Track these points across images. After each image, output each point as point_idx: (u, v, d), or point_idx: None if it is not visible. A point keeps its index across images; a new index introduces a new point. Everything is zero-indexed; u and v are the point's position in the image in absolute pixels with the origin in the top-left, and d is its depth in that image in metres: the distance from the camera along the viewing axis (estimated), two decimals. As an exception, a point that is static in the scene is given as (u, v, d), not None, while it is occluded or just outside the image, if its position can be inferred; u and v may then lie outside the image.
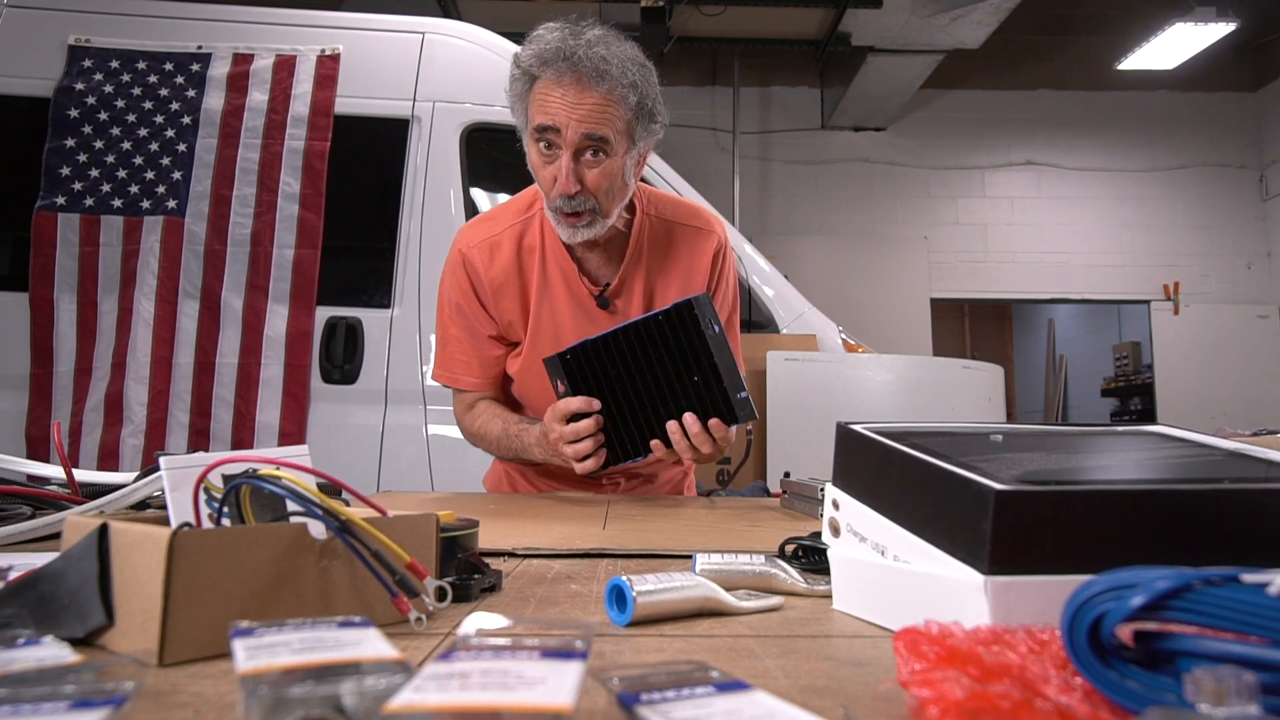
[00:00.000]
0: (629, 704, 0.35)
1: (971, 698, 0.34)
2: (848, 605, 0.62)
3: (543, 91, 1.33)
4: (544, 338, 1.51)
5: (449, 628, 0.56)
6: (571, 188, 1.33)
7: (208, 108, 2.96)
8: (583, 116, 1.31)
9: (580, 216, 1.38)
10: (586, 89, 1.30)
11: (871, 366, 3.25)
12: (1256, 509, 0.49)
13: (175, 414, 2.82)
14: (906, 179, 7.98)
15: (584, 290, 1.51)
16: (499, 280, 1.51)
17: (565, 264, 1.50)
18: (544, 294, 1.51)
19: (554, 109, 1.31)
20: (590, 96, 1.31)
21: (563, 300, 1.51)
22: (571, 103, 1.31)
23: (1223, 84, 8.06)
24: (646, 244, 1.53)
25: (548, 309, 1.51)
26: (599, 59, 1.30)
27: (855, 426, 0.64)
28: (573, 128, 1.31)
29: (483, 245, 1.52)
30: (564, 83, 1.31)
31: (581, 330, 1.48)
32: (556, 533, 1.03)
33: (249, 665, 0.38)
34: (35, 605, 0.51)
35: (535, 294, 1.51)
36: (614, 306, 1.51)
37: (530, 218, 1.53)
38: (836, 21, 6.51)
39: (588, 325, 1.50)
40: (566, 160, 1.33)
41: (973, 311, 10.51)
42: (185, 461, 0.59)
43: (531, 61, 1.33)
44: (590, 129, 1.31)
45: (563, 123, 1.31)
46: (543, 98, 1.33)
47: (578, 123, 1.31)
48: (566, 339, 1.45)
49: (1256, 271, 8.04)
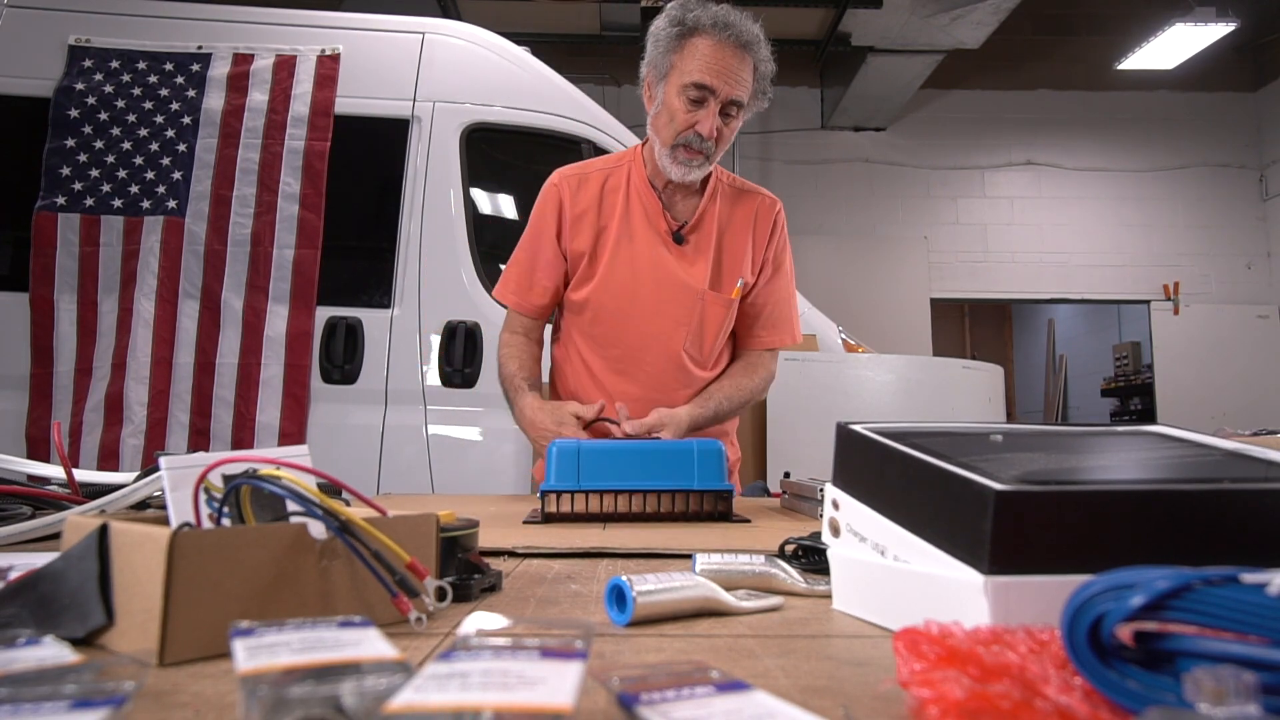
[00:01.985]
0: (629, 704, 0.35)
1: (971, 698, 0.34)
2: (848, 605, 0.62)
3: (703, 50, 1.54)
4: (620, 266, 1.70)
5: (449, 628, 0.56)
6: (714, 132, 1.57)
7: (208, 108, 2.96)
8: (735, 83, 1.54)
9: (699, 155, 1.60)
10: (742, 56, 1.54)
11: (871, 366, 3.24)
12: (1256, 509, 0.49)
13: (175, 414, 2.82)
14: (906, 179, 7.98)
15: (665, 225, 1.71)
16: (580, 210, 1.72)
17: (651, 202, 1.71)
18: (624, 230, 1.71)
19: (715, 71, 1.53)
20: (744, 64, 1.55)
21: (642, 234, 1.71)
22: (732, 68, 1.54)
23: (1223, 84, 8.06)
24: (720, 198, 1.74)
25: (626, 244, 1.70)
26: (753, 33, 1.56)
27: (855, 426, 0.64)
28: (725, 91, 1.54)
29: (572, 178, 1.75)
30: (726, 47, 1.53)
31: (656, 264, 1.69)
32: (556, 533, 1.03)
33: (249, 665, 0.38)
34: (35, 605, 0.51)
35: (616, 230, 1.70)
36: (687, 241, 1.72)
37: (619, 166, 1.76)
38: (836, 21, 6.51)
39: (662, 257, 1.69)
40: (714, 109, 1.55)
41: (973, 311, 10.51)
42: (185, 461, 0.59)
43: (695, 19, 1.55)
44: (739, 95, 1.56)
45: (718, 85, 1.54)
46: (705, 58, 1.53)
47: (730, 88, 1.54)
48: (642, 269, 1.68)
49: (1256, 271, 8.04)
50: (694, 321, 1.70)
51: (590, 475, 1.20)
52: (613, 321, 1.71)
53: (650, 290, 1.69)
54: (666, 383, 1.71)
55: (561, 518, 1.19)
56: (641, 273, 1.69)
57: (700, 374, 1.74)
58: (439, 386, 2.89)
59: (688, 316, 1.70)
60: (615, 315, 1.70)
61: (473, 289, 2.95)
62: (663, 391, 1.70)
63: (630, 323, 1.70)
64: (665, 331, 1.70)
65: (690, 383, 1.72)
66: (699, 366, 1.73)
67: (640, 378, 1.70)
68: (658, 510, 1.21)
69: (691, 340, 1.71)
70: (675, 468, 1.22)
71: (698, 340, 1.72)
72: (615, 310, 1.70)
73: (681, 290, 1.69)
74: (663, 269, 1.69)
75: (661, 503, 1.21)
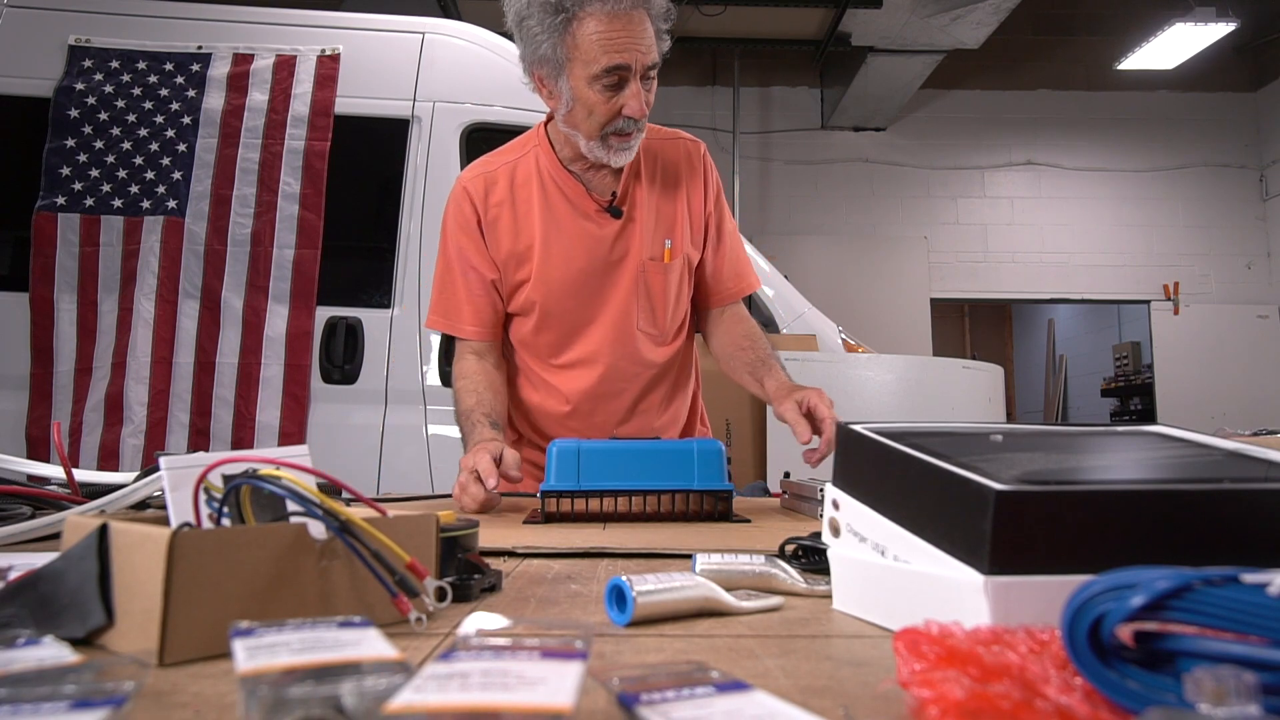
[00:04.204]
0: (629, 704, 0.35)
1: (971, 698, 0.34)
2: (848, 605, 0.62)
3: (597, 29, 1.34)
4: (554, 258, 1.55)
5: (449, 628, 0.56)
6: (646, 109, 1.41)
7: (208, 108, 2.96)
8: (645, 47, 1.36)
9: (630, 136, 1.44)
10: (638, 15, 1.35)
11: (871, 366, 3.25)
12: (1256, 509, 0.49)
13: (175, 414, 2.82)
14: (906, 179, 7.98)
15: (593, 205, 1.56)
16: (494, 212, 1.57)
17: (569, 186, 1.56)
18: (549, 219, 1.56)
19: (620, 47, 1.34)
20: (643, 21, 1.36)
21: (569, 221, 1.56)
22: (635, 34, 1.35)
23: (1223, 84, 8.06)
24: (642, 155, 1.58)
25: (555, 232, 1.55)
26: None
27: (855, 426, 0.64)
28: (640, 61, 1.36)
29: (477, 179, 1.59)
30: (619, 15, 1.34)
31: (591, 247, 1.54)
32: (556, 533, 1.03)
33: (249, 665, 0.38)
34: (35, 605, 0.51)
35: (540, 221, 1.55)
36: (624, 212, 1.57)
37: (523, 156, 1.60)
38: (836, 21, 6.51)
39: (598, 237, 1.55)
40: (637, 87, 1.38)
41: (973, 311, 10.51)
42: (185, 461, 0.59)
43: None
44: (652, 58, 1.38)
45: (631, 60, 1.35)
46: (603, 37, 1.34)
47: (643, 55, 1.36)
48: (577, 259, 1.53)
49: (1256, 271, 8.04)
50: (641, 294, 1.58)
51: (590, 475, 1.20)
52: (560, 320, 1.58)
53: (591, 277, 1.56)
54: (624, 369, 1.59)
55: (561, 518, 1.19)
56: (577, 260, 1.54)
57: (659, 350, 1.62)
58: (439, 386, 2.89)
59: (634, 292, 1.57)
60: (561, 313, 1.57)
61: (473, 289, 2.95)
62: (623, 381, 1.59)
63: (578, 315, 1.57)
64: (616, 315, 1.57)
65: (648, 365, 1.61)
66: (657, 343, 1.62)
67: (598, 370, 1.58)
68: (657, 510, 1.21)
69: (644, 316, 1.59)
70: (675, 468, 1.22)
71: (649, 314, 1.59)
72: (560, 308, 1.56)
73: (624, 267, 1.57)
74: (600, 250, 1.55)
75: (661, 503, 1.21)
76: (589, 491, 1.19)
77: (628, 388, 1.60)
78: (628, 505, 1.20)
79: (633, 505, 1.20)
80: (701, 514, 1.21)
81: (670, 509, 1.21)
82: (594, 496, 1.19)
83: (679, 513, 1.21)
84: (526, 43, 1.42)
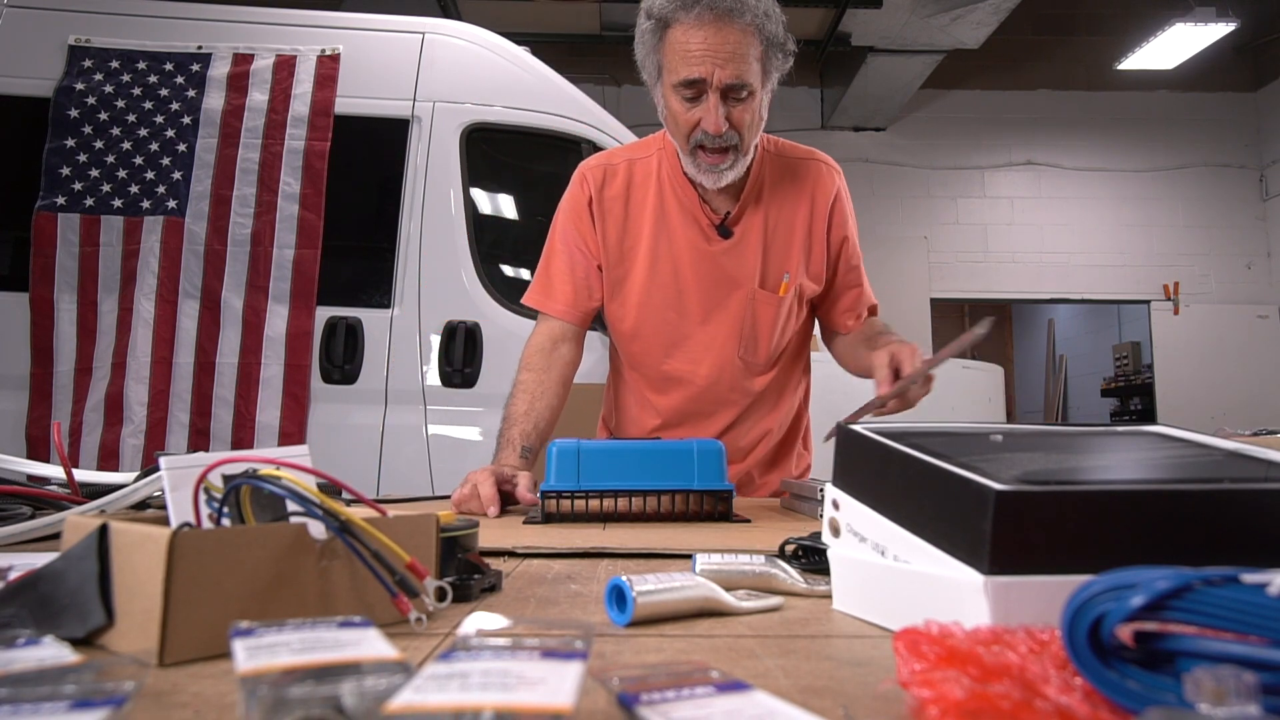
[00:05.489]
0: (629, 704, 0.35)
1: (971, 698, 0.34)
2: (848, 605, 0.62)
3: (681, 41, 1.34)
4: (662, 265, 1.54)
5: (449, 628, 0.56)
6: (722, 126, 1.37)
7: (208, 108, 2.96)
8: (724, 62, 1.33)
9: (725, 155, 1.41)
10: (725, 27, 1.32)
11: (871, 366, 3.23)
12: (1256, 509, 0.49)
13: (175, 414, 2.82)
14: (906, 179, 7.98)
15: (705, 219, 1.53)
16: (608, 204, 1.56)
17: (686, 194, 1.54)
18: (660, 223, 1.55)
19: (696, 60, 1.33)
20: (730, 35, 1.32)
21: (680, 229, 1.54)
22: (716, 47, 1.32)
23: (1222, 84, 8.06)
24: (767, 177, 1.56)
25: (665, 240, 1.54)
26: None
27: (855, 426, 0.64)
28: (718, 76, 1.33)
29: (598, 169, 1.59)
30: (704, 24, 1.32)
31: (697, 261, 1.53)
32: (556, 533, 1.03)
33: (249, 665, 0.37)
34: (35, 605, 0.51)
35: (651, 225, 1.54)
36: (734, 234, 1.54)
37: (648, 156, 1.58)
38: (836, 21, 6.51)
39: (706, 254, 1.53)
40: (714, 101, 1.35)
41: (973, 311, 10.50)
42: (185, 461, 0.59)
43: (663, 8, 1.35)
44: (734, 78, 1.34)
45: (707, 73, 1.33)
46: (683, 48, 1.34)
47: (721, 71, 1.33)
48: (684, 270, 1.53)
49: (1256, 271, 8.04)
50: (746, 323, 1.55)
51: (590, 475, 1.20)
52: (657, 331, 1.56)
53: (696, 292, 1.54)
54: (720, 393, 1.57)
55: (562, 518, 1.19)
56: (684, 272, 1.53)
57: (756, 380, 1.59)
58: (439, 386, 2.89)
59: (740, 318, 1.54)
60: (659, 324, 1.55)
61: (473, 289, 2.95)
62: (715, 404, 1.58)
63: (677, 329, 1.55)
64: (717, 337, 1.55)
65: (745, 392, 1.59)
66: (755, 373, 1.59)
67: (691, 389, 1.57)
68: (658, 510, 1.21)
69: (746, 345, 1.56)
70: (675, 468, 1.22)
71: (752, 344, 1.56)
72: (659, 318, 1.55)
73: (731, 289, 1.53)
74: (707, 267, 1.53)
75: (661, 503, 1.21)
76: (589, 491, 1.19)
77: (720, 411, 1.59)
78: (628, 505, 1.20)
79: (633, 505, 1.20)
80: (701, 514, 1.21)
81: (670, 509, 1.21)
82: (594, 496, 1.19)
83: (679, 513, 1.21)
84: (639, 50, 1.44)
